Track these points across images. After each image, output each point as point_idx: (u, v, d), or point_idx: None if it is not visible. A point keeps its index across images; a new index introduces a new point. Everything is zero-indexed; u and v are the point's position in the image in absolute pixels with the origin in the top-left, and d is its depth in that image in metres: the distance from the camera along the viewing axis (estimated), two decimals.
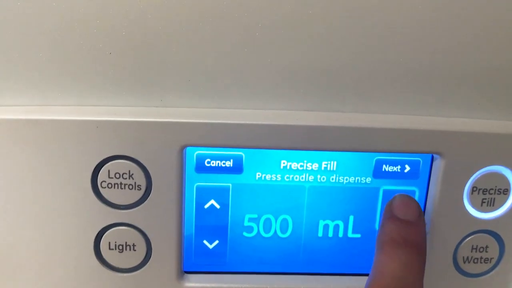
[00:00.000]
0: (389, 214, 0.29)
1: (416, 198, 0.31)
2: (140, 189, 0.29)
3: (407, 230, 0.28)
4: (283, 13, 0.27)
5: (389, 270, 0.26)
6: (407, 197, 0.30)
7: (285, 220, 0.32)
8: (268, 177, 0.31)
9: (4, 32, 0.27)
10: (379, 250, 0.28)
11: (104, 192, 0.29)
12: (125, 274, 0.31)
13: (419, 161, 0.31)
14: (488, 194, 0.31)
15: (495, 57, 0.29)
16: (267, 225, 0.32)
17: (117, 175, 0.29)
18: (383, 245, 0.28)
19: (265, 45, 0.28)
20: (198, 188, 0.31)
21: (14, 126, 0.28)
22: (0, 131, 0.28)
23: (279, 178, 0.31)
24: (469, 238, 0.31)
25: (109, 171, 0.29)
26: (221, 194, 0.31)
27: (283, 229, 0.32)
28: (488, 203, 0.31)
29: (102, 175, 0.29)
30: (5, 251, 0.30)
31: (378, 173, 0.31)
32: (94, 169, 0.29)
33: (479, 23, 0.28)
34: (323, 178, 0.31)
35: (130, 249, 0.30)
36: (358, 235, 0.32)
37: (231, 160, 0.30)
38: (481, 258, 0.32)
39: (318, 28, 0.28)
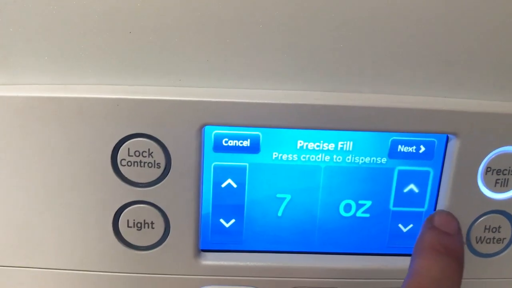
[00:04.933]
0: (429, 225, 0.30)
1: (431, 178, 0.32)
2: (159, 167, 0.30)
3: (448, 240, 0.28)
4: None
5: (427, 272, 0.26)
6: (448, 213, 0.31)
7: (300, 199, 0.32)
8: (284, 157, 0.31)
9: (26, 13, 0.27)
10: (417, 255, 0.28)
11: (123, 170, 0.30)
12: (143, 252, 0.32)
13: (434, 142, 0.31)
14: (502, 175, 0.31)
15: (510, 39, 0.29)
16: (283, 205, 0.32)
17: (137, 153, 0.29)
18: (423, 251, 0.28)
19: (284, 25, 0.28)
20: (215, 167, 0.31)
21: (36, 104, 0.28)
22: (22, 109, 0.28)
23: (296, 158, 0.31)
24: (482, 218, 0.32)
25: (129, 149, 0.29)
26: (238, 173, 0.31)
27: (299, 208, 0.32)
28: (502, 184, 0.31)
29: (122, 153, 0.29)
30: (24, 229, 0.31)
31: (393, 153, 0.31)
32: (114, 147, 0.29)
33: (495, 5, 0.28)
34: (339, 158, 0.31)
35: (148, 227, 0.31)
36: (373, 215, 0.33)
37: (248, 140, 0.31)
38: (494, 238, 0.32)
39: (337, 8, 0.28)
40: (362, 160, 0.31)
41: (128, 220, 0.31)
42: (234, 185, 0.32)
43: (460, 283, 0.27)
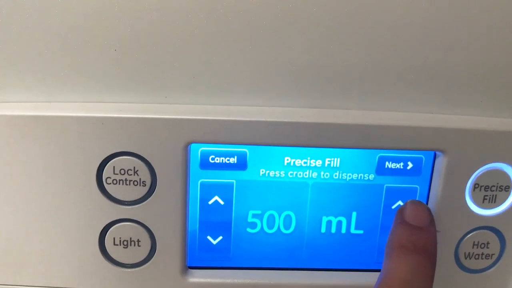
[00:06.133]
0: (399, 219, 0.29)
1: (418, 194, 0.32)
2: (145, 185, 0.29)
3: (417, 235, 0.28)
4: (287, 11, 0.27)
5: (397, 274, 0.26)
6: (418, 203, 0.30)
7: (288, 216, 0.32)
8: (272, 173, 0.31)
9: (10, 30, 0.27)
10: (388, 255, 0.28)
11: (109, 188, 0.29)
12: (129, 270, 0.31)
13: (421, 158, 0.31)
14: (490, 191, 0.31)
15: (497, 55, 0.29)
16: (271, 221, 0.32)
17: (122, 171, 0.29)
18: (393, 250, 0.28)
19: (270, 42, 0.28)
20: (202, 184, 0.31)
21: (20, 122, 0.28)
22: (6, 127, 0.28)
23: (283, 175, 0.31)
24: (471, 234, 0.32)
25: (114, 167, 0.29)
26: (225, 190, 0.31)
27: (287, 225, 0.32)
28: (490, 200, 0.31)
29: (107, 171, 0.29)
30: (10, 246, 0.31)
31: (381, 169, 0.31)
32: (99, 165, 0.29)
33: (482, 21, 0.28)
34: (327, 175, 0.31)
35: (134, 245, 0.31)
36: (361, 232, 0.32)
37: (235, 157, 0.30)
38: (482, 254, 0.32)
39: (322, 25, 0.28)
40: (349, 176, 0.31)
41: (114, 238, 0.31)
42: (221, 202, 0.31)
43: (432, 278, 0.27)
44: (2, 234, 0.30)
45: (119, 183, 0.29)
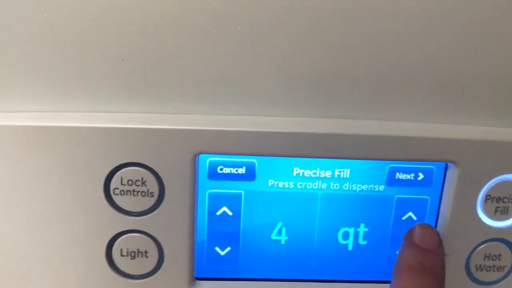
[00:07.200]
0: (408, 241, 0.29)
1: (429, 206, 0.31)
2: (153, 196, 0.29)
3: (425, 257, 0.28)
4: (298, 19, 0.27)
5: None
6: (427, 226, 0.30)
7: (297, 227, 0.31)
8: (280, 184, 0.31)
9: (15, 39, 0.27)
10: (396, 276, 0.28)
11: (116, 199, 0.29)
12: (137, 281, 0.31)
13: (432, 169, 0.31)
14: (502, 203, 0.30)
15: (511, 65, 0.29)
16: (279, 232, 0.31)
17: (130, 182, 0.29)
18: (401, 271, 0.27)
19: (279, 51, 0.28)
20: (210, 195, 0.31)
21: (26, 133, 0.28)
22: (12, 138, 0.28)
23: (292, 186, 0.31)
24: (482, 246, 0.31)
25: (121, 178, 0.29)
26: (233, 201, 0.31)
27: (295, 236, 0.32)
28: (502, 212, 0.31)
29: (114, 182, 0.29)
30: (17, 257, 0.30)
31: (391, 181, 0.31)
32: (107, 176, 0.29)
33: (495, 31, 0.28)
34: (336, 186, 0.31)
35: (142, 256, 0.30)
36: (371, 243, 0.32)
37: (244, 167, 0.30)
38: (494, 266, 0.32)
39: (332, 34, 0.27)
40: (359, 187, 0.31)
41: (121, 249, 0.30)
42: (230, 213, 0.31)
43: None
44: (8, 244, 0.30)
45: (127, 194, 0.29)
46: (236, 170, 0.30)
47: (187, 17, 0.27)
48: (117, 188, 0.29)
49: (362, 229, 0.32)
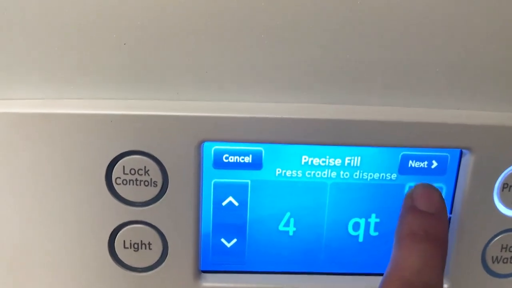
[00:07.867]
0: (409, 205, 0.28)
1: (444, 195, 0.30)
2: (156, 185, 0.28)
3: (428, 222, 0.27)
4: (306, 3, 0.26)
5: (407, 264, 0.25)
6: (429, 187, 0.28)
7: (306, 218, 0.30)
8: (288, 173, 0.30)
9: (18, 25, 0.26)
10: (397, 243, 0.27)
11: (118, 188, 0.28)
12: (140, 274, 0.30)
13: (447, 157, 0.30)
14: None
15: None
16: (287, 223, 0.31)
17: (132, 171, 0.28)
18: (402, 238, 0.26)
19: (287, 36, 0.27)
20: (215, 184, 0.30)
21: (27, 120, 0.27)
22: (13, 125, 0.27)
23: (300, 175, 0.30)
24: (499, 237, 0.30)
25: (124, 167, 0.28)
26: (239, 191, 0.30)
27: (304, 227, 0.31)
28: None
29: (116, 171, 0.28)
30: (18, 249, 0.30)
31: (404, 169, 0.30)
32: (109, 164, 0.28)
33: (509, 16, 0.27)
34: (346, 174, 0.30)
35: (145, 248, 0.30)
36: (382, 234, 0.31)
37: (250, 156, 0.29)
38: (511, 258, 0.31)
39: (343, 18, 0.26)
40: (370, 176, 0.30)
41: (124, 241, 0.29)
42: (236, 203, 0.30)
43: (443, 267, 0.26)
44: (8, 237, 0.29)
45: (129, 184, 0.28)
46: (242, 159, 0.29)
47: (191, 1, 0.26)
48: (119, 177, 0.28)
49: (373, 219, 0.31)
